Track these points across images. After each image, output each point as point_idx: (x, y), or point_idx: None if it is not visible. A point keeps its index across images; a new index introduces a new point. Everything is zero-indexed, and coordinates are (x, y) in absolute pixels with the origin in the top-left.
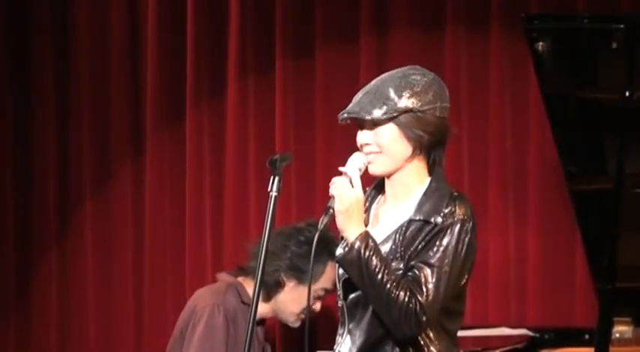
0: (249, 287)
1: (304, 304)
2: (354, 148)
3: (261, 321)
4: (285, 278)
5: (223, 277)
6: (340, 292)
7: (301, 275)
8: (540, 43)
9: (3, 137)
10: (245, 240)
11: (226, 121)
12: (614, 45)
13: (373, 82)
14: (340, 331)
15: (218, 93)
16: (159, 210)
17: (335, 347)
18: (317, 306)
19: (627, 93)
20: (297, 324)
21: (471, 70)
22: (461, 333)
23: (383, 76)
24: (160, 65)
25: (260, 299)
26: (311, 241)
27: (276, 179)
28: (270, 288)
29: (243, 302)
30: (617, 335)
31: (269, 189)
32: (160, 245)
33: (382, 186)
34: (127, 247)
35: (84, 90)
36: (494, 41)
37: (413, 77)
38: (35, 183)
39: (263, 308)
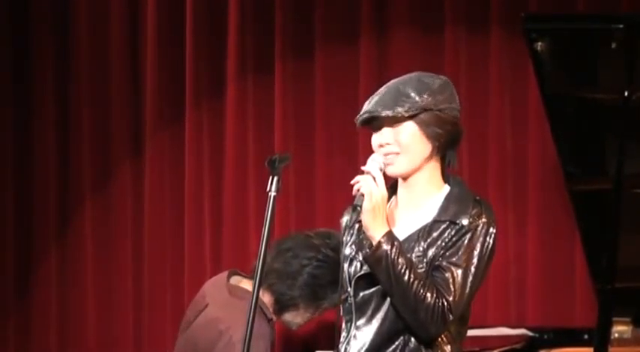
0: (265, 297)
1: (309, 319)
2: (353, 149)
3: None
4: (302, 306)
5: (245, 285)
6: (351, 290)
7: (319, 302)
8: (540, 43)
9: (3, 137)
10: (245, 241)
11: (226, 121)
12: (614, 45)
13: (385, 87)
14: (346, 328)
15: (217, 93)
16: (158, 210)
17: (340, 345)
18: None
19: (626, 93)
20: (297, 329)
21: (471, 70)
22: None
23: (395, 80)
24: (160, 65)
25: (272, 310)
26: (330, 262)
27: (275, 179)
28: (283, 307)
29: (268, 320)
30: (617, 335)
31: (268, 189)
32: (159, 245)
33: (394, 190)
34: (126, 247)
35: (84, 90)
36: (494, 41)
37: (428, 79)
38: (35, 183)
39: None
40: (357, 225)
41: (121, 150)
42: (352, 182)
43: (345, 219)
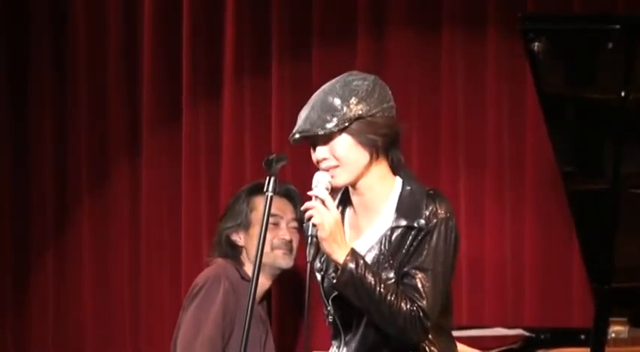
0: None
1: (266, 240)
2: None
3: (263, 297)
4: (232, 235)
5: (218, 261)
6: (330, 308)
7: (236, 221)
8: (536, 43)
9: (1, 137)
10: None
11: (222, 121)
12: (610, 45)
13: (315, 96)
14: (336, 344)
15: (214, 93)
16: (155, 210)
17: None
18: (282, 235)
19: (623, 94)
20: (285, 261)
21: (468, 70)
22: (457, 333)
23: (324, 87)
24: (157, 66)
25: (239, 267)
26: (237, 196)
27: (272, 179)
28: (233, 255)
29: (242, 277)
30: (613, 335)
31: (265, 189)
32: (156, 245)
33: (347, 197)
34: (123, 246)
35: (81, 90)
36: (491, 41)
37: (355, 83)
38: (33, 182)
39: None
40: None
41: (119, 151)
42: (302, 208)
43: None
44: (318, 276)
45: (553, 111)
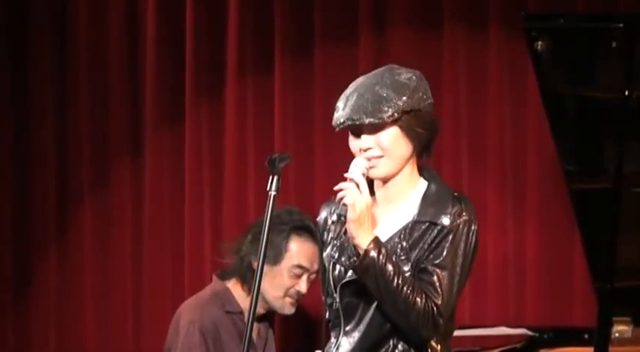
0: (239, 288)
1: (284, 285)
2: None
3: (263, 317)
4: (254, 262)
5: (215, 283)
6: (337, 295)
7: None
8: (539, 42)
9: (2, 137)
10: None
11: (225, 121)
12: (614, 44)
13: (359, 87)
14: (334, 334)
15: (217, 93)
16: (158, 210)
17: (329, 349)
18: (301, 287)
19: (626, 93)
20: (289, 310)
21: (470, 69)
22: (460, 333)
23: (368, 77)
24: (159, 65)
25: (246, 293)
26: (281, 223)
27: (275, 178)
28: (246, 277)
29: (226, 311)
30: (617, 334)
31: (268, 188)
32: (158, 245)
33: (370, 189)
34: (125, 247)
35: (83, 89)
36: (493, 40)
37: (403, 76)
38: (34, 182)
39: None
40: (343, 235)
41: (121, 150)
42: (336, 188)
43: (322, 217)
44: (329, 267)
45: (556, 109)
